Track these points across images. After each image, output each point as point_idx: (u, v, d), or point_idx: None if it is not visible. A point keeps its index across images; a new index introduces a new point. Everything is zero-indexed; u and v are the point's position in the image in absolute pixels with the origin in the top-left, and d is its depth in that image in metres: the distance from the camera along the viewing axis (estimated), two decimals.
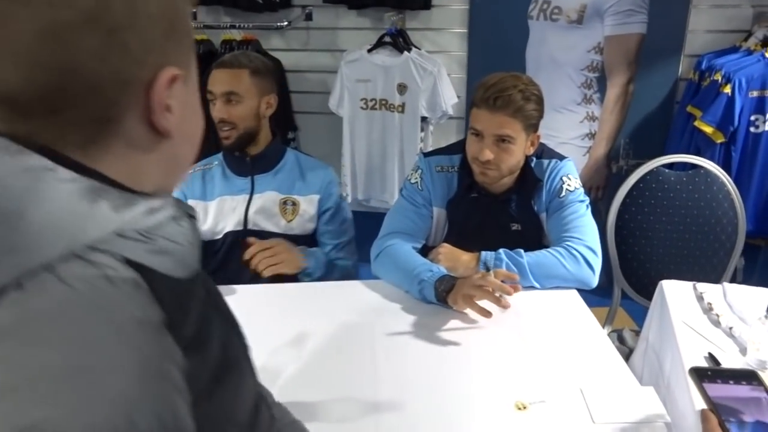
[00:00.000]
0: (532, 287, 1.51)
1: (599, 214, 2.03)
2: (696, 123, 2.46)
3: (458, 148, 1.67)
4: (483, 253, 1.52)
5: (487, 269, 1.46)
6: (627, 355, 1.75)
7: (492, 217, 1.65)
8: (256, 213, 1.72)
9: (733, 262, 1.94)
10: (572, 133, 2.86)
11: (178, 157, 0.57)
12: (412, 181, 1.68)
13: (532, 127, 1.53)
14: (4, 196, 0.43)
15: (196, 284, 0.53)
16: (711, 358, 1.24)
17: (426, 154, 1.71)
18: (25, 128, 0.47)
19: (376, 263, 1.59)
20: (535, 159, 1.64)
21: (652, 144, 2.73)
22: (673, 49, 2.68)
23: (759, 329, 1.16)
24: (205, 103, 1.54)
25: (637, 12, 2.62)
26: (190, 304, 0.51)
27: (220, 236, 1.73)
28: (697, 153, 2.45)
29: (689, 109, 2.53)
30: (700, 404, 1.10)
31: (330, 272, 1.70)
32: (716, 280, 1.93)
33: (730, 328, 1.32)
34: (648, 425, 1.08)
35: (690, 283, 1.54)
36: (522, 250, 1.52)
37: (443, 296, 1.41)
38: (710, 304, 1.42)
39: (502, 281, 1.38)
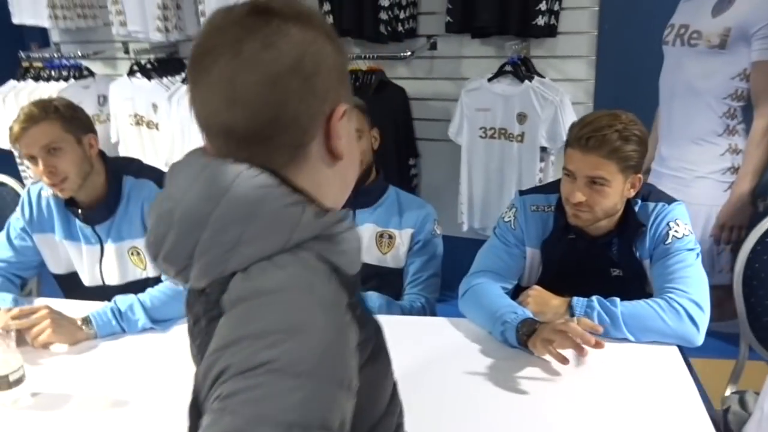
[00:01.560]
0: (627, 339, 1.41)
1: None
2: None
3: (556, 187, 1.61)
4: (574, 298, 1.45)
5: (572, 315, 1.40)
6: (745, 421, 1.57)
7: (590, 260, 1.57)
8: None
9: None
10: (712, 167, 2.61)
11: (346, 176, 0.74)
12: (506, 219, 1.64)
13: (632, 168, 1.44)
14: (243, 204, 0.62)
15: (356, 282, 0.70)
16: None
17: (522, 192, 1.67)
18: (242, 155, 0.65)
19: (462, 301, 1.58)
20: (640, 201, 1.54)
21: None
22: None
23: None
24: None
25: None
26: (358, 294, 0.68)
27: None
28: None
29: None
30: None
31: (390, 312, 1.69)
32: None
33: None
34: None
35: None
36: (617, 299, 1.43)
37: (524, 340, 1.37)
38: None
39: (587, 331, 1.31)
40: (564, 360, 1.29)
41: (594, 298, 1.44)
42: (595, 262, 1.57)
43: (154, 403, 1.29)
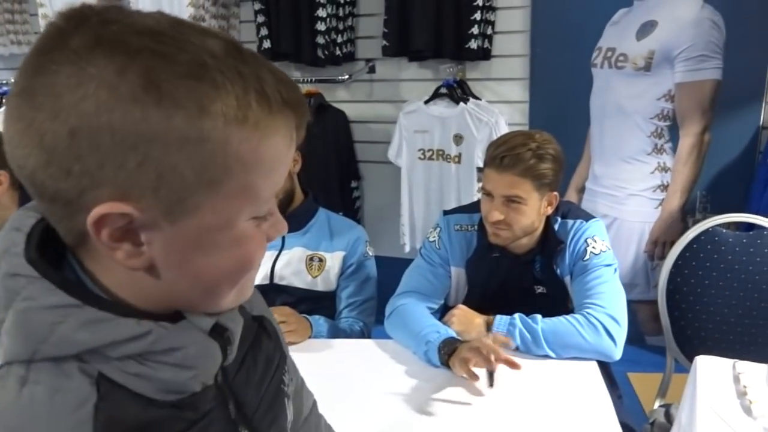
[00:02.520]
0: (548, 356, 1.42)
1: None
2: None
3: (477, 207, 1.62)
4: (497, 317, 1.46)
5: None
6: None
7: (514, 278, 1.59)
8: (283, 268, 1.76)
9: None
10: (642, 185, 2.70)
11: (179, 291, 0.51)
12: (431, 239, 1.65)
13: (547, 186, 1.46)
14: (2, 295, 0.48)
15: (195, 404, 0.53)
16: None
17: (446, 212, 1.68)
18: (41, 207, 0.50)
19: (388, 322, 1.57)
20: (560, 219, 1.57)
21: (733, 197, 2.51)
22: (753, 95, 2.47)
23: None
24: None
25: (710, 57, 2.46)
26: (165, 422, 0.51)
27: None
28: None
29: None
30: None
31: (336, 336, 1.68)
32: None
33: (763, 418, 1.17)
34: None
35: (730, 361, 1.38)
36: (539, 316, 1.44)
37: (446, 359, 1.37)
38: (746, 387, 1.27)
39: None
40: (475, 377, 1.30)
41: (516, 315, 1.45)
42: (519, 280, 1.58)
43: None
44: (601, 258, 1.50)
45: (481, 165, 2.65)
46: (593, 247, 1.51)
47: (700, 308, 1.80)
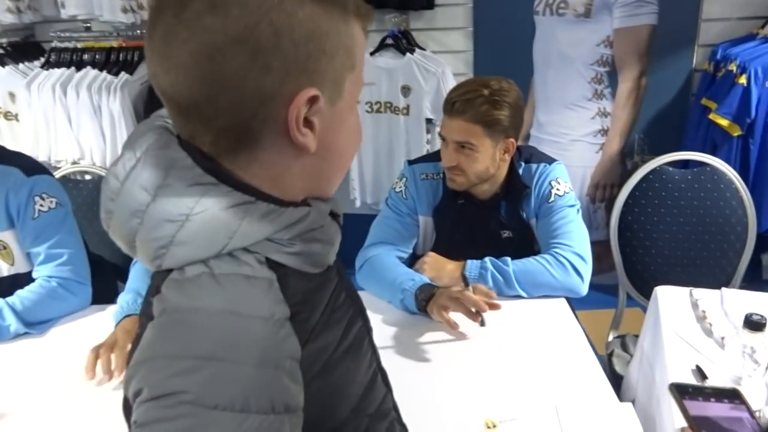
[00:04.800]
0: (519, 296, 1.47)
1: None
2: (711, 116, 2.36)
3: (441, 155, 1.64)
4: (468, 261, 1.49)
5: (465, 280, 1.43)
6: (628, 362, 1.69)
7: (481, 224, 1.62)
8: None
9: (743, 263, 1.85)
10: (584, 130, 2.79)
11: (322, 170, 0.63)
12: (397, 189, 1.65)
13: (501, 133, 1.48)
14: (177, 204, 0.55)
15: (328, 275, 0.65)
16: (698, 370, 1.18)
17: (411, 162, 1.68)
18: (187, 130, 0.58)
19: (360, 274, 1.57)
20: (523, 164, 1.60)
21: (668, 139, 2.63)
22: (686, 39, 2.58)
23: (737, 342, 1.09)
24: None
25: (646, 3, 2.53)
26: (319, 298, 0.63)
27: None
28: (714, 147, 2.36)
29: (704, 101, 2.43)
30: (682, 422, 1.05)
31: None
32: (727, 281, 1.85)
33: (722, 338, 1.26)
34: None
35: (687, 289, 1.47)
36: (509, 258, 1.48)
37: (423, 305, 1.39)
38: (704, 311, 1.36)
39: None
40: (455, 326, 1.33)
41: (487, 259, 1.48)
42: (486, 226, 1.61)
43: (37, 415, 1.19)
44: (565, 199, 1.55)
45: (430, 116, 2.67)
46: (557, 189, 1.55)
47: (650, 243, 1.90)
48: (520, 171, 1.59)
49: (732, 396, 1.00)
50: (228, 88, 0.54)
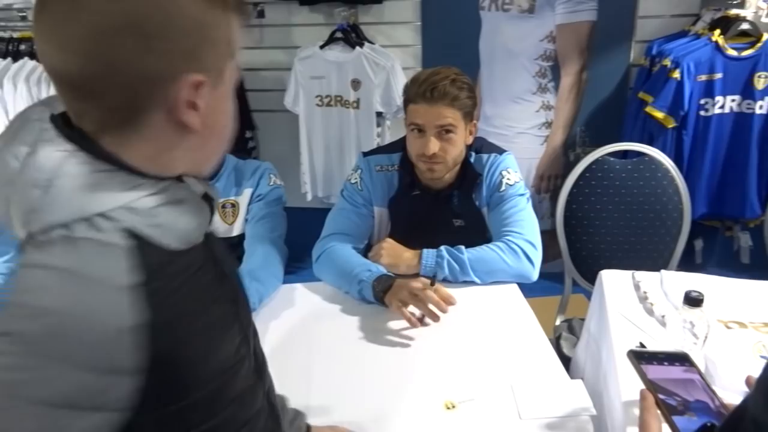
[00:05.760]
0: (473, 282, 1.51)
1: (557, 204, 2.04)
2: (647, 109, 2.47)
3: (398, 146, 1.66)
4: (425, 250, 1.52)
5: (430, 274, 1.44)
6: (575, 344, 1.76)
7: (435, 214, 1.66)
8: None
9: (679, 247, 1.96)
10: (529, 123, 2.87)
11: (205, 148, 0.69)
12: (352, 181, 1.67)
13: (469, 115, 1.55)
14: (41, 170, 0.59)
15: (192, 254, 0.67)
16: (642, 347, 1.25)
17: (365, 154, 1.71)
18: (75, 107, 0.62)
19: (316, 265, 1.59)
20: (474, 154, 1.65)
21: (608, 131, 2.74)
22: (624, 35, 2.69)
23: (677, 318, 1.17)
24: None
25: (586, 0, 2.63)
26: (179, 272, 0.65)
27: None
28: (651, 138, 2.47)
29: (640, 95, 2.54)
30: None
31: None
32: (665, 265, 1.96)
33: (663, 316, 1.34)
34: (573, 419, 1.09)
35: (629, 272, 1.55)
36: (463, 247, 1.52)
37: (381, 296, 1.41)
38: (645, 292, 1.44)
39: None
40: (416, 323, 1.35)
41: (442, 248, 1.52)
42: (439, 215, 1.66)
43: None
44: (516, 188, 1.60)
45: (380, 110, 2.70)
46: (508, 179, 1.61)
47: (594, 231, 1.98)
48: (472, 160, 1.63)
49: (683, 359, 1.06)
50: (119, 70, 0.58)
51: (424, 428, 1.09)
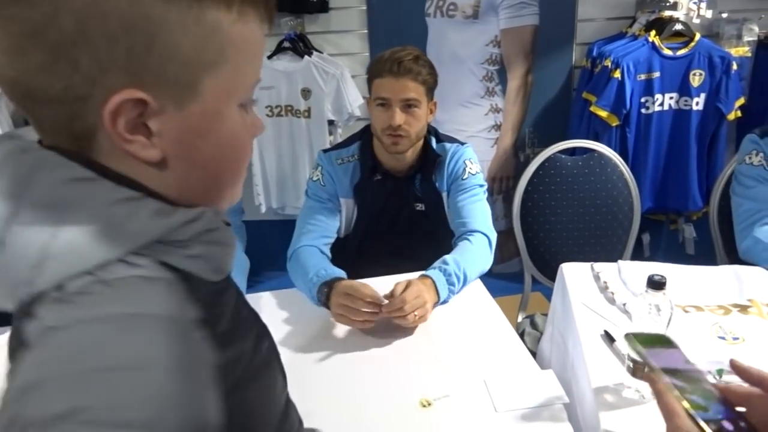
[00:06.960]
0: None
1: (511, 204, 2.08)
2: (592, 108, 2.55)
3: (354, 138, 1.71)
4: (436, 282, 1.39)
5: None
6: (539, 339, 1.79)
7: (397, 197, 1.69)
8: None
9: (631, 239, 2.02)
10: (479, 126, 2.92)
11: (189, 187, 0.53)
12: (314, 178, 1.67)
13: (431, 92, 1.59)
14: (56, 205, 0.46)
15: (229, 286, 0.59)
16: (606, 335, 1.28)
17: (324, 151, 1.72)
18: (38, 114, 0.49)
19: (289, 266, 1.56)
20: (434, 138, 1.68)
21: (555, 131, 2.82)
22: (565, 38, 2.77)
23: (642, 303, 1.20)
24: None
25: (528, 5, 2.70)
26: (224, 304, 0.56)
27: None
28: (596, 137, 2.55)
29: (584, 95, 2.62)
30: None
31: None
32: (618, 257, 2.01)
33: (624, 304, 1.37)
34: (547, 408, 1.10)
35: (588, 264, 1.59)
36: (450, 258, 1.46)
37: (324, 301, 1.37)
38: (606, 282, 1.47)
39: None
40: (366, 324, 1.33)
41: (451, 272, 1.42)
42: (402, 198, 1.68)
43: None
44: (477, 178, 1.65)
45: (331, 118, 2.69)
46: (471, 168, 1.65)
47: (549, 227, 2.03)
48: (434, 145, 1.66)
49: (665, 342, 1.07)
50: (36, 87, 0.46)
51: (401, 427, 1.08)
